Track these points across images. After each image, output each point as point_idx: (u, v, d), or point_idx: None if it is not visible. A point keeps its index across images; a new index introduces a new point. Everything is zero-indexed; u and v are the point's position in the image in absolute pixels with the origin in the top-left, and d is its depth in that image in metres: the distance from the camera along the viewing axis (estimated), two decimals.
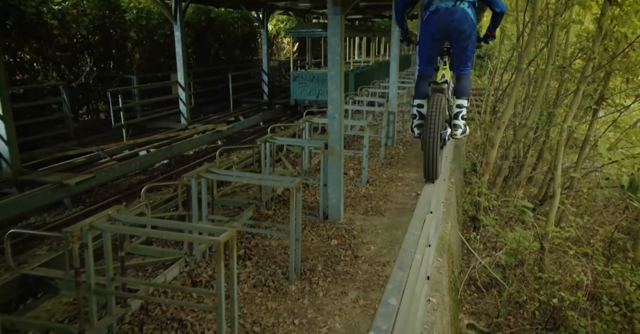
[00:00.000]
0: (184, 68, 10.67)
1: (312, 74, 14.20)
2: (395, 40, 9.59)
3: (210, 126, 10.74)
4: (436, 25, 4.24)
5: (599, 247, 6.73)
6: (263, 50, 15.82)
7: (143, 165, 8.40)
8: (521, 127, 8.31)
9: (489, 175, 8.13)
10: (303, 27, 14.88)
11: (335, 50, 5.34)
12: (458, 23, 4.15)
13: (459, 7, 4.13)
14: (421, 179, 7.47)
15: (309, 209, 6.09)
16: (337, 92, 5.42)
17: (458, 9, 4.13)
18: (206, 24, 15.59)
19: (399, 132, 11.13)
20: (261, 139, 5.76)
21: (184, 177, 3.98)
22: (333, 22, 5.28)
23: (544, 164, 10.95)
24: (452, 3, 4.14)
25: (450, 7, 4.14)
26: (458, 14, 4.13)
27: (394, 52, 9.70)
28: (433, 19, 4.24)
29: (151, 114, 11.30)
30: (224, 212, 5.97)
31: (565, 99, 9.08)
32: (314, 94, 14.17)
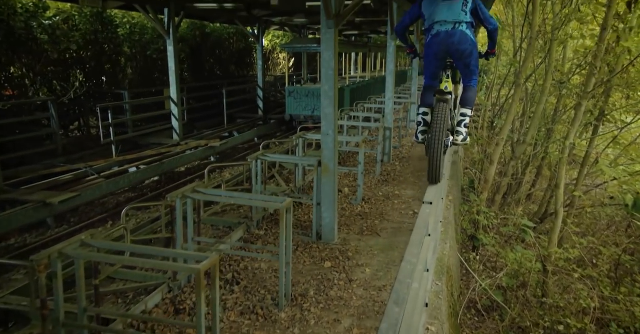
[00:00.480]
0: (176, 83, 10.52)
1: (308, 89, 14.09)
2: (391, 55, 9.49)
3: (203, 141, 10.55)
4: (438, 47, 4.72)
5: (605, 269, 6.51)
6: (258, 65, 15.74)
7: (132, 182, 8.17)
8: (520, 143, 8.15)
9: (488, 192, 7.94)
10: (298, 42, 14.82)
11: (329, 65, 5.18)
12: (459, 44, 4.61)
13: (458, 29, 4.60)
14: (418, 196, 7.29)
15: (302, 229, 5.88)
16: (331, 107, 5.25)
17: (457, 32, 4.60)
18: (201, 39, 15.52)
19: (396, 148, 10.99)
20: (252, 156, 5.56)
21: (168, 198, 3.76)
22: (326, 36, 5.13)
23: (543, 180, 10.79)
24: (451, 26, 4.62)
25: (450, 31, 4.62)
26: (457, 36, 4.60)
27: (389, 68, 9.58)
28: (435, 42, 4.73)
29: (143, 130, 11.11)
30: (213, 232, 5.74)
31: (564, 115, 8.94)
32: (309, 109, 14.04)
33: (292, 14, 14.82)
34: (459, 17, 4.63)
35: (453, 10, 4.67)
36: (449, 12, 4.68)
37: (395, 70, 9.72)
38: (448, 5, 4.71)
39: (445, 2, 4.75)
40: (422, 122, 5.21)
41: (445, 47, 4.70)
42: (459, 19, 4.63)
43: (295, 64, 23.23)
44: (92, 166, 8.06)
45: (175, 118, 10.69)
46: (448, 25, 4.65)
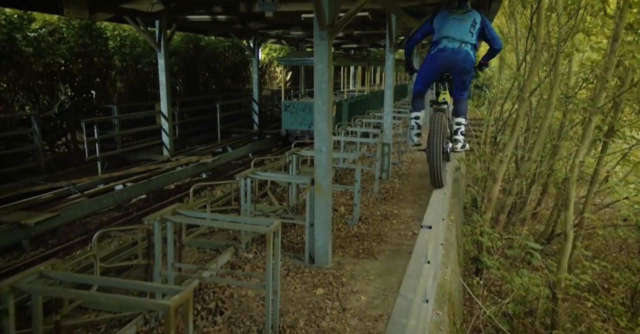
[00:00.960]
0: (167, 97, 10.36)
1: (304, 103, 13.96)
2: (389, 69, 9.34)
3: (194, 157, 10.34)
4: (442, 61, 5.11)
5: (620, 298, 6.24)
6: (254, 79, 15.63)
7: (117, 201, 7.94)
8: (525, 160, 7.94)
9: (492, 212, 7.71)
10: (295, 55, 14.73)
11: (322, 78, 5.01)
12: (462, 62, 5.05)
13: (463, 48, 5.03)
14: (418, 216, 7.08)
15: (295, 251, 5.64)
16: (324, 122, 5.07)
17: (462, 51, 5.02)
18: (195, 52, 15.44)
19: (395, 164, 10.81)
20: (241, 174, 5.35)
21: (145, 221, 3.53)
22: (320, 47, 4.96)
23: (549, 198, 10.55)
24: (457, 44, 5.04)
25: (456, 48, 5.03)
26: (462, 54, 5.03)
27: (388, 81, 9.43)
28: (440, 55, 5.10)
29: (132, 146, 10.92)
30: (198, 255, 5.49)
31: (570, 130, 8.75)
32: (306, 124, 13.90)
33: (288, 27, 14.77)
34: (465, 37, 5.06)
35: (462, 29, 5.08)
36: (458, 31, 5.09)
37: (394, 84, 9.57)
38: (458, 23, 5.12)
39: (456, 20, 5.15)
40: (415, 125, 5.72)
41: (448, 62, 5.09)
42: (465, 39, 5.06)
43: (292, 77, 23.19)
44: (75, 183, 7.83)
45: (166, 133, 10.50)
46: (455, 42, 5.05)
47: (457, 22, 5.13)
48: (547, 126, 7.69)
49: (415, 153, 12.50)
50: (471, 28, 5.10)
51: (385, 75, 9.61)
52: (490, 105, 13.86)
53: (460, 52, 5.05)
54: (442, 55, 5.11)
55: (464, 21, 5.12)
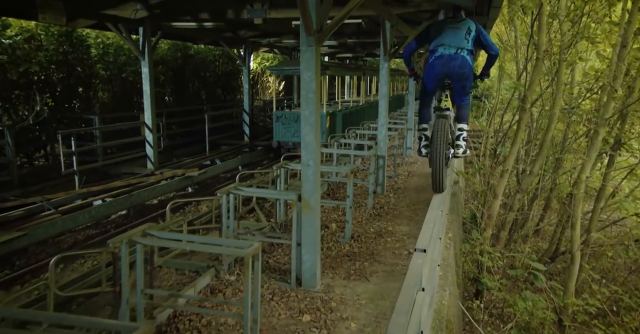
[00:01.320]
0: (151, 108, 10.11)
1: (297, 114, 13.76)
2: (384, 78, 9.16)
3: (179, 171, 10.07)
4: (440, 68, 5.35)
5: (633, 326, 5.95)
6: (244, 89, 15.44)
7: (95, 217, 7.63)
8: (527, 175, 7.69)
9: (492, 229, 7.45)
10: (287, 64, 14.57)
11: (310, 87, 4.79)
12: (459, 68, 5.28)
13: (460, 54, 5.27)
14: (414, 233, 6.86)
15: (281, 273, 5.37)
16: (312, 134, 4.84)
17: (459, 56, 5.26)
18: (183, 61, 15.25)
19: (390, 177, 10.60)
20: (223, 189, 5.08)
21: (110, 243, 3.25)
22: (307, 54, 4.76)
23: (552, 214, 10.31)
24: (454, 50, 5.28)
25: (453, 54, 5.28)
26: (459, 60, 5.26)
27: (382, 91, 9.24)
28: (438, 63, 5.35)
29: (115, 158, 10.64)
30: (176, 278, 5.21)
31: (573, 143, 8.54)
32: (298, 135, 13.69)
33: (280, 35, 14.62)
34: (461, 43, 5.31)
35: (457, 36, 5.35)
36: (453, 38, 5.35)
37: (390, 94, 9.39)
38: (453, 31, 5.40)
39: (451, 28, 5.44)
40: (423, 137, 5.98)
41: (446, 69, 5.33)
42: (461, 45, 5.31)
43: (285, 87, 23.04)
44: (50, 199, 7.54)
45: (150, 145, 10.23)
46: (451, 49, 5.30)
47: (452, 30, 5.43)
48: (550, 139, 7.47)
49: (412, 166, 12.29)
50: (466, 35, 5.38)
51: (380, 85, 9.42)
52: (490, 116, 13.71)
53: (457, 58, 5.30)
54: (439, 62, 5.36)
55: (459, 29, 5.43)
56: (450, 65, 5.32)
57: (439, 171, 5.51)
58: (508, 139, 10.73)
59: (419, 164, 12.57)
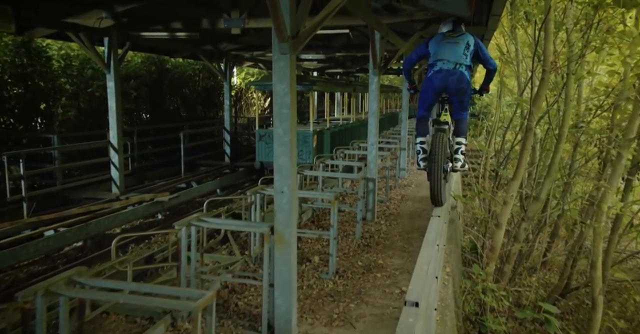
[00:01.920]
0: (117, 126, 9.53)
1: None
2: (374, 93, 8.72)
3: (147, 195, 9.45)
4: (439, 82, 5.55)
5: None
6: (225, 105, 14.95)
7: (43, 250, 6.98)
8: (533, 201, 7.20)
9: (495, 262, 6.91)
10: (270, 79, 14.14)
11: (283, 102, 4.28)
12: (457, 82, 5.49)
13: (458, 69, 5.49)
14: (408, 267, 6.35)
15: (250, 318, 4.79)
16: (286, 156, 4.32)
17: (457, 71, 5.48)
18: (158, 75, 14.77)
19: (382, 202, 10.11)
20: (182, 221, 4.50)
21: (19, 298, 2.64)
22: (280, 63, 4.26)
23: (559, 241, 9.78)
24: (452, 65, 5.50)
25: (451, 69, 5.49)
26: (457, 75, 5.48)
27: (372, 108, 8.78)
28: (437, 77, 5.56)
29: (77, 181, 10.01)
30: (125, 326, 4.58)
31: (583, 165, 8.05)
32: None
33: (264, 48, 14.21)
34: (460, 59, 5.52)
35: (456, 51, 5.56)
36: (452, 53, 5.56)
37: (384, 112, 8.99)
38: (452, 46, 5.61)
39: (450, 43, 5.65)
40: (421, 150, 6.13)
41: (445, 83, 5.53)
42: (459, 60, 5.52)
43: (271, 104, 22.64)
44: None
45: (115, 167, 9.63)
46: (450, 64, 5.51)
47: (450, 45, 5.64)
48: (558, 161, 7.00)
49: (405, 188, 11.80)
50: (465, 50, 5.59)
51: (370, 101, 8.98)
52: (489, 135, 13.33)
53: (456, 73, 5.49)
54: (438, 76, 5.57)
55: (457, 44, 5.64)
56: (449, 80, 5.53)
57: (437, 184, 5.77)
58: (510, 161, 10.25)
59: (413, 187, 12.07)
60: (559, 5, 6.54)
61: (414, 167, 14.67)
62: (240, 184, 13.86)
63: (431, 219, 5.57)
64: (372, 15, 7.74)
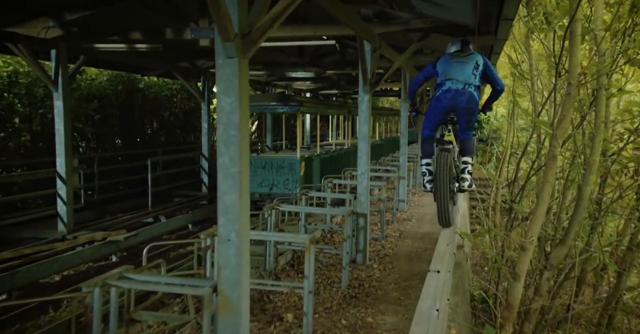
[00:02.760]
0: (66, 153, 8.57)
1: (265, 159, 12.58)
2: (364, 113, 7.92)
3: (99, 234, 8.48)
4: (448, 102, 5.70)
5: None
6: (203, 129, 14.12)
7: None
8: (558, 245, 6.23)
9: (513, 323, 5.91)
10: (254, 99, 13.40)
11: (231, 121, 3.48)
12: (467, 103, 5.64)
13: (467, 90, 5.63)
14: (402, 329, 5.46)
15: None
16: (235, 193, 3.54)
17: (467, 92, 5.63)
18: (128, 95, 13.96)
19: (376, 240, 9.23)
20: (91, 281, 3.52)
21: None
22: (225, 70, 3.44)
23: (586, 288, 8.77)
24: (461, 85, 5.64)
25: (460, 89, 5.63)
26: (467, 95, 5.62)
27: (362, 131, 7.95)
28: (445, 97, 5.69)
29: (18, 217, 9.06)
30: None
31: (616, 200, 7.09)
32: (266, 185, 12.48)
33: None
34: (469, 79, 5.66)
35: (465, 71, 5.70)
36: (461, 73, 5.70)
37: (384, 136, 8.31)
38: (460, 66, 5.75)
39: (459, 62, 5.78)
40: (427, 172, 6.23)
41: (453, 103, 5.67)
42: (469, 80, 5.65)
43: (260, 127, 21.89)
44: None
45: (63, 201, 8.66)
46: (459, 84, 5.65)
47: (459, 65, 5.77)
48: (588, 196, 6.08)
49: (404, 223, 10.90)
50: (474, 70, 5.73)
51: (360, 123, 8.14)
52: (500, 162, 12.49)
53: (465, 93, 5.62)
54: (447, 96, 5.68)
55: (466, 64, 5.76)
56: (458, 100, 5.64)
57: (444, 205, 5.96)
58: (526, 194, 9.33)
59: (413, 222, 11.14)
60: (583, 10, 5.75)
61: (415, 198, 13.83)
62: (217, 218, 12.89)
63: (428, 275, 4.59)
64: (361, 23, 6.97)
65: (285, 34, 8.13)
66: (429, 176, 6.22)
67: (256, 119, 21.45)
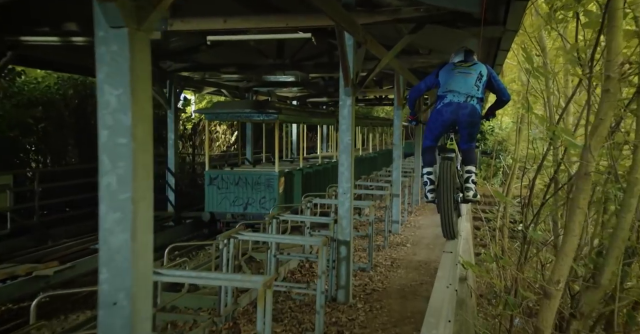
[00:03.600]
0: None
1: (239, 174, 11.87)
2: (346, 120, 6.98)
3: (23, 267, 7.39)
4: (449, 115, 5.93)
5: None
6: (170, 140, 13.14)
7: None
8: (590, 288, 5.19)
9: None
10: (225, 106, 12.46)
11: (118, 124, 2.49)
12: (469, 116, 5.88)
13: (469, 103, 5.87)
14: None
15: None
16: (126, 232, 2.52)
17: (469, 105, 5.87)
18: (81, 101, 12.93)
19: (363, 270, 8.24)
20: None
21: None
22: (110, 47, 2.39)
23: None
24: (463, 98, 5.88)
25: (462, 103, 5.88)
26: (469, 109, 5.86)
27: (344, 142, 6.99)
28: (447, 110, 5.92)
29: None
30: None
31: None
32: (240, 204, 11.78)
33: (217, 68, 12.48)
34: (471, 91, 5.82)
35: (467, 83, 5.84)
36: (463, 84, 5.84)
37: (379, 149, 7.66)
38: (463, 77, 5.88)
39: (461, 74, 5.90)
40: (428, 181, 6.35)
41: (455, 116, 5.84)
42: (471, 93, 5.81)
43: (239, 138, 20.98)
44: None
45: None
46: (461, 96, 5.81)
47: (462, 76, 5.86)
48: (629, 225, 5.07)
49: (398, 249, 9.89)
50: (477, 81, 5.83)
51: (341, 132, 7.17)
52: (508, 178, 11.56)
53: (467, 106, 5.74)
54: (448, 109, 5.81)
55: (470, 75, 5.86)
56: (460, 113, 5.76)
57: (448, 216, 6.06)
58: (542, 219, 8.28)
59: (408, 247, 10.10)
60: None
61: (412, 217, 12.78)
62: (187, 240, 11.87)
63: None
64: (340, 10, 5.98)
65: (250, 26, 7.17)
66: (430, 185, 6.34)
67: (236, 130, 20.49)
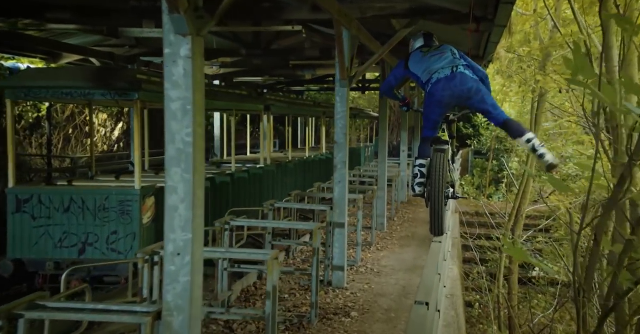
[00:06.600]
0: None
1: (71, 193, 8.68)
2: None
3: None
4: (442, 93, 6.25)
5: None
6: None
7: None
8: None
9: None
10: (36, 77, 8.86)
11: None
12: (461, 85, 6.18)
13: (457, 72, 6.24)
14: None
15: None
16: None
17: (457, 75, 6.23)
18: None
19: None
20: None
21: None
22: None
23: None
24: (449, 71, 6.26)
25: (449, 75, 6.23)
26: (458, 78, 6.21)
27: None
28: (437, 89, 6.28)
29: None
30: None
31: None
32: (72, 244, 8.54)
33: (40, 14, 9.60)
34: (453, 62, 6.36)
35: (445, 59, 6.43)
36: (442, 61, 6.41)
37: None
38: (438, 57, 6.49)
39: (435, 55, 6.54)
40: (419, 174, 6.82)
41: (449, 92, 6.21)
42: (454, 63, 6.34)
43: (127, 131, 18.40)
44: None
45: None
46: (446, 70, 6.27)
47: (436, 57, 6.52)
48: None
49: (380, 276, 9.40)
50: (452, 56, 6.47)
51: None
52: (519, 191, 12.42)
53: (455, 77, 6.21)
54: (438, 87, 6.27)
55: (444, 54, 6.52)
56: (451, 86, 6.20)
57: (438, 211, 6.53)
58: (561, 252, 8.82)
59: None
60: None
61: (370, 253, 12.11)
62: None
63: None
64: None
65: None
66: (420, 178, 6.84)
67: (119, 120, 18.72)
